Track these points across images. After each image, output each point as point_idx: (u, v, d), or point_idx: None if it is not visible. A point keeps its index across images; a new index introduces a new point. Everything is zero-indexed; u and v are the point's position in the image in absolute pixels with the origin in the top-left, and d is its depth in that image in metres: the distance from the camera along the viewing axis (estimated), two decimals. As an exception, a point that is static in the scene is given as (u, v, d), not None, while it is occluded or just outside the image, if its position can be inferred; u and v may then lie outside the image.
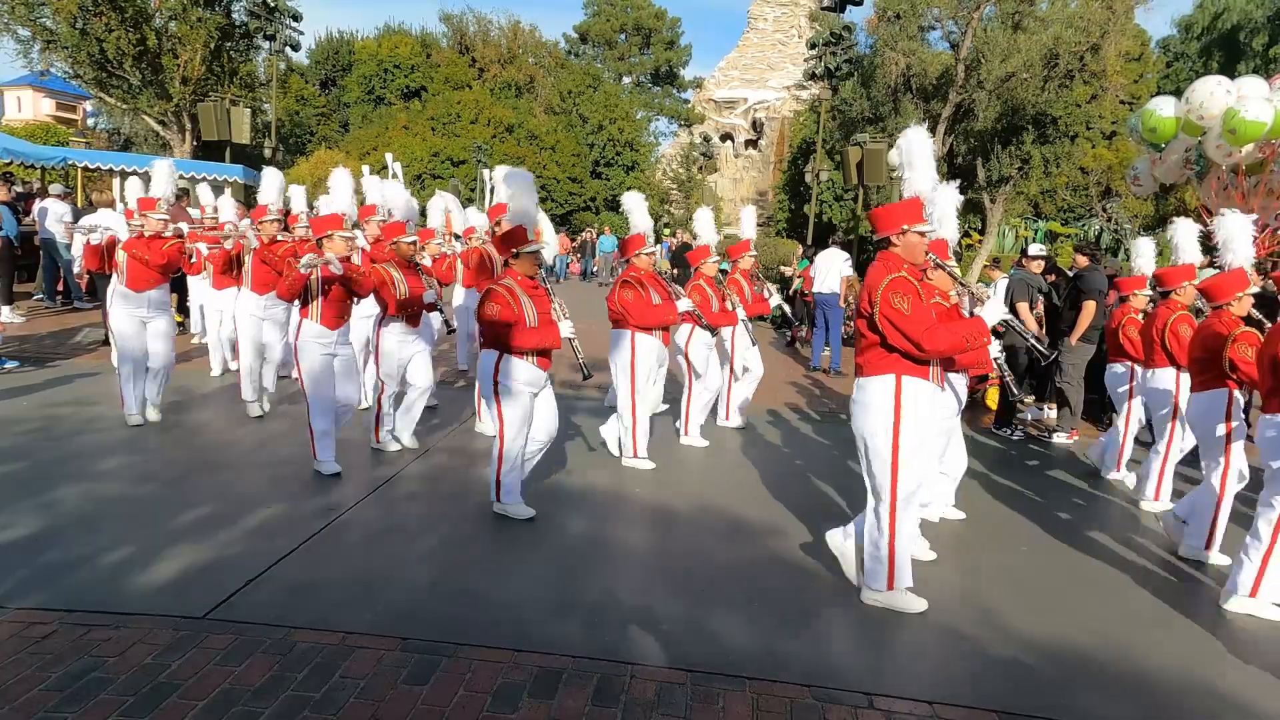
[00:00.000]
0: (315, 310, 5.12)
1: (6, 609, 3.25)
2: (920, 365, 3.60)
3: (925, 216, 3.71)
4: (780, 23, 44.32)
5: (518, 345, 4.42)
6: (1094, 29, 17.55)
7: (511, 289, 4.46)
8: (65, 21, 18.39)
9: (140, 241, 6.03)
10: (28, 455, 5.19)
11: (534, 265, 4.57)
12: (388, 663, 3.04)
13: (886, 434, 3.59)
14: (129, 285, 5.99)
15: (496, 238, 4.94)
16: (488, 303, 4.42)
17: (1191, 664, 3.43)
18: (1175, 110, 9.51)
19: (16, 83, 39.03)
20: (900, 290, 3.52)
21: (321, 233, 5.16)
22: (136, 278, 6.00)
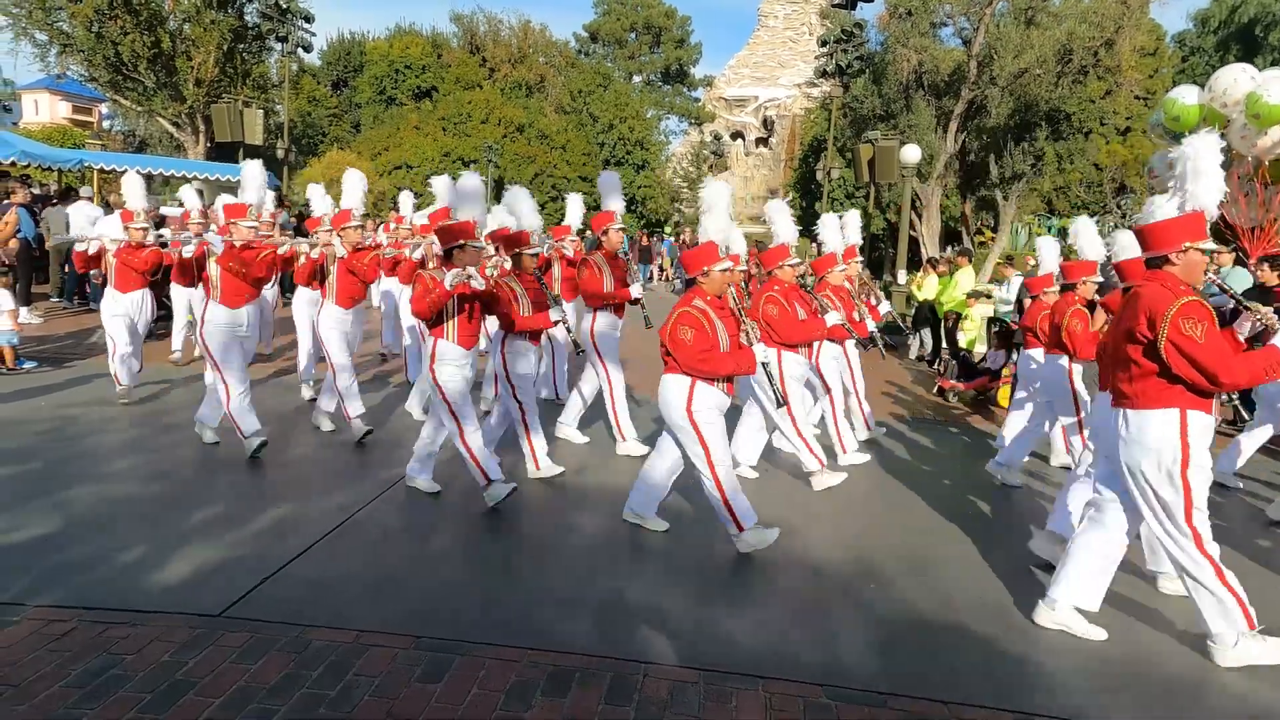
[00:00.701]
0: (451, 330, 4.68)
1: (26, 607, 3.29)
2: (1204, 398, 3.29)
3: (1207, 233, 3.40)
4: (791, 20, 44.17)
5: (711, 372, 4.09)
6: (1108, 24, 17.41)
7: (705, 311, 4.12)
8: (81, 25, 18.58)
9: (237, 251, 5.48)
10: (46, 455, 5.25)
11: (725, 284, 4.23)
12: (402, 661, 3.05)
13: (1173, 473, 3.29)
14: (224, 301, 5.45)
15: (634, 249, 4.83)
16: (680, 326, 4.08)
17: (1204, 660, 3.39)
18: (1198, 98, 9.40)
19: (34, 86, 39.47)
20: (1194, 316, 3.18)
21: (453, 242, 4.63)
22: (232, 291, 5.46)
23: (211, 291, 5.42)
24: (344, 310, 6.12)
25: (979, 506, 5.38)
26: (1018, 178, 19.37)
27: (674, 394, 4.17)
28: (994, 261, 16.87)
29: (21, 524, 4.09)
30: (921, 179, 18.75)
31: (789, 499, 5.28)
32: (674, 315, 4.14)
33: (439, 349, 4.65)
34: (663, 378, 4.24)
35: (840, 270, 6.35)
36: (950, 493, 5.56)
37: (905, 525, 4.93)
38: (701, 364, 4.06)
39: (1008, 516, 5.23)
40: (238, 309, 5.46)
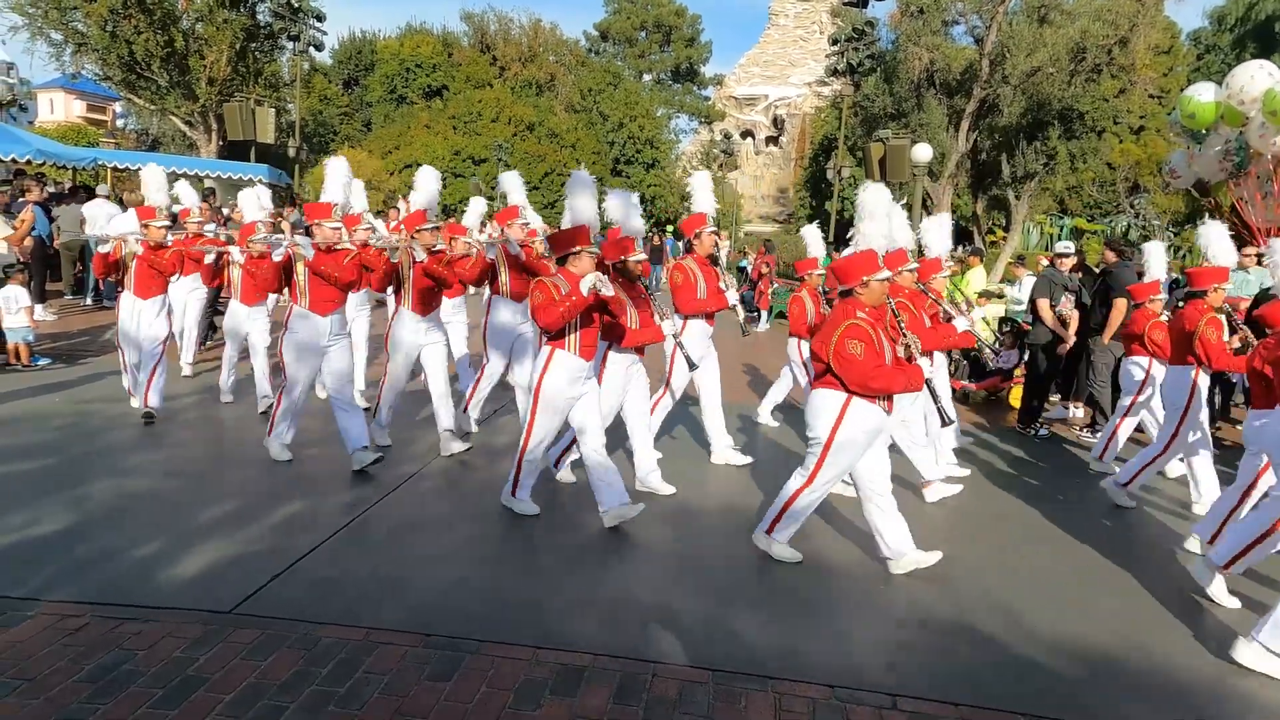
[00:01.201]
0: (573, 341, 4.32)
1: (40, 601, 3.32)
2: None
3: None
4: (801, 19, 44.06)
5: (883, 389, 3.82)
6: (1123, 22, 17.28)
7: (873, 325, 3.85)
8: (96, 25, 18.75)
9: (327, 256, 5.13)
10: (60, 451, 5.29)
11: (884, 294, 3.98)
12: (411, 659, 3.06)
13: None
14: (312, 308, 5.10)
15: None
16: (849, 340, 3.78)
17: (1219, 664, 3.37)
18: (1215, 95, 9.30)
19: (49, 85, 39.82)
20: None
21: (568, 249, 4.33)
22: (321, 298, 5.11)
23: (299, 298, 5.07)
24: (420, 319, 5.61)
25: (990, 507, 5.35)
26: (1030, 177, 19.27)
27: (827, 408, 3.90)
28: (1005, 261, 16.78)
29: (36, 519, 4.13)
30: (933, 178, 18.66)
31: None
32: (840, 328, 3.82)
33: (557, 360, 4.31)
34: (816, 391, 3.99)
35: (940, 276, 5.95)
36: (961, 494, 5.52)
37: (916, 526, 4.90)
38: (873, 380, 3.77)
39: (1019, 518, 5.20)
40: (325, 316, 5.11)
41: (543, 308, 4.19)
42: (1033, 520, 5.16)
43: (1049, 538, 4.86)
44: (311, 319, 5.08)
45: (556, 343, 4.31)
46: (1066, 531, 4.97)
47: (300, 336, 5.07)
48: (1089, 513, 5.38)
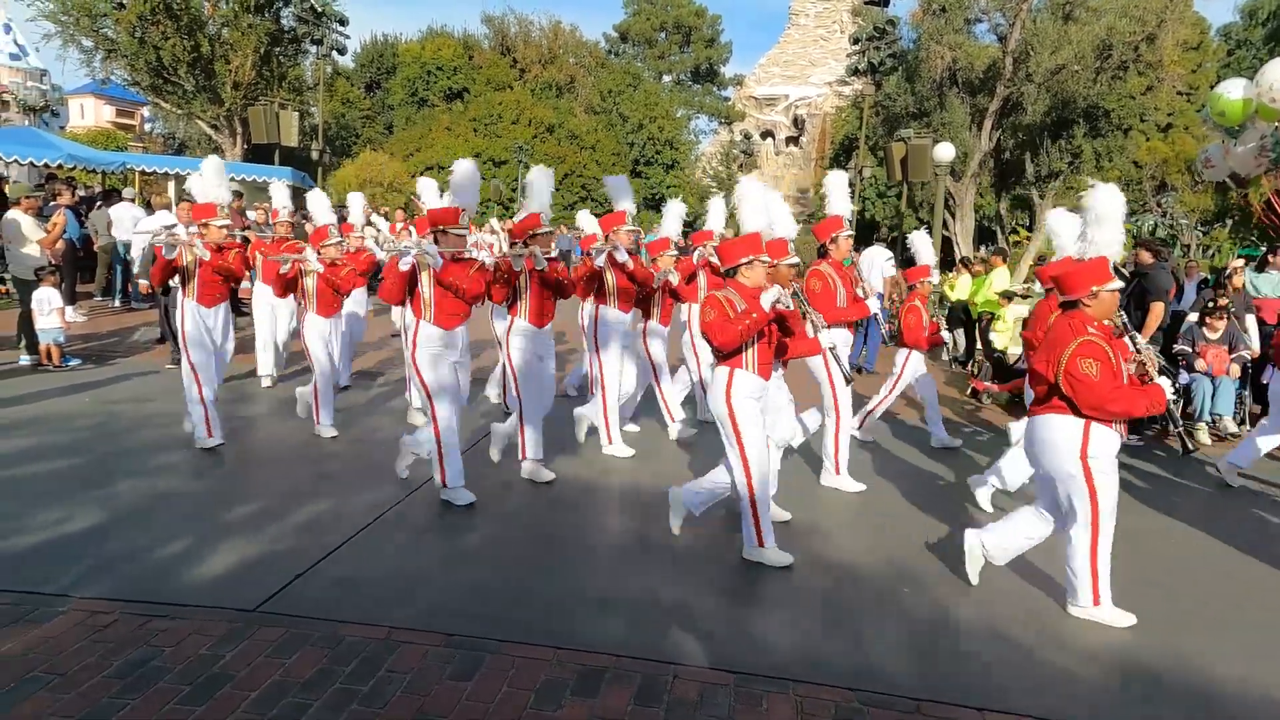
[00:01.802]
0: (751, 359, 4.01)
1: (71, 598, 3.38)
2: None
3: None
4: (822, 18, 43.82)
5: (1123, 412, 3.50)
6: (1150, 18, 17.01)
7: (1107, 340, 3.54)
8: (125, 31, 19.08)
9: (454, 266, 4.74)
10: (89, 450, 5.38)
11: (1115, 307, 3.67)
12: (433, 658, 3.08)
13: None
14: (438, 321, 4.69)
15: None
16: (1083, 358, 3.44)
17: (1253, 670, 3.30)
18: (1245, 92, 9.12)
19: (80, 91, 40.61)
20: None
21: (741, 259, 4.05)
22: (448, 311, 4.70)
23: (423, 311, 4.63)
24: (537, 328, 5.37)
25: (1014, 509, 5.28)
26: (1054, 176, 19.02)
27: (1065, 437, 3.55)
28: (1029, 261, 16.57)
29: (67, 518, 4.20)
30: (955, 177, 18.48)
31: (822, 501, 5.23)
32: (1071, 345, 3.48)
33: (738, 381, 3.98)
34: (1043, 419, 3.64)
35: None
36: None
37: (939, 528, 4.86)
38: (1112, 403, 3.44)
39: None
40: (452, 330, 4.69)
41: (717, 326, 3.87)
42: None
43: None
44: (441, 333, 4.63)
45: (733, 361, 3.98)
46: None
47: (432, 351, 4.64)
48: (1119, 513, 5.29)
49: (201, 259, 5.46)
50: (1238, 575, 4.40)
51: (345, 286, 6.23)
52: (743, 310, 3.90)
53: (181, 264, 5.49)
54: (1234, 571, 4.45)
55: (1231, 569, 4.47)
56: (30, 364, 7.72)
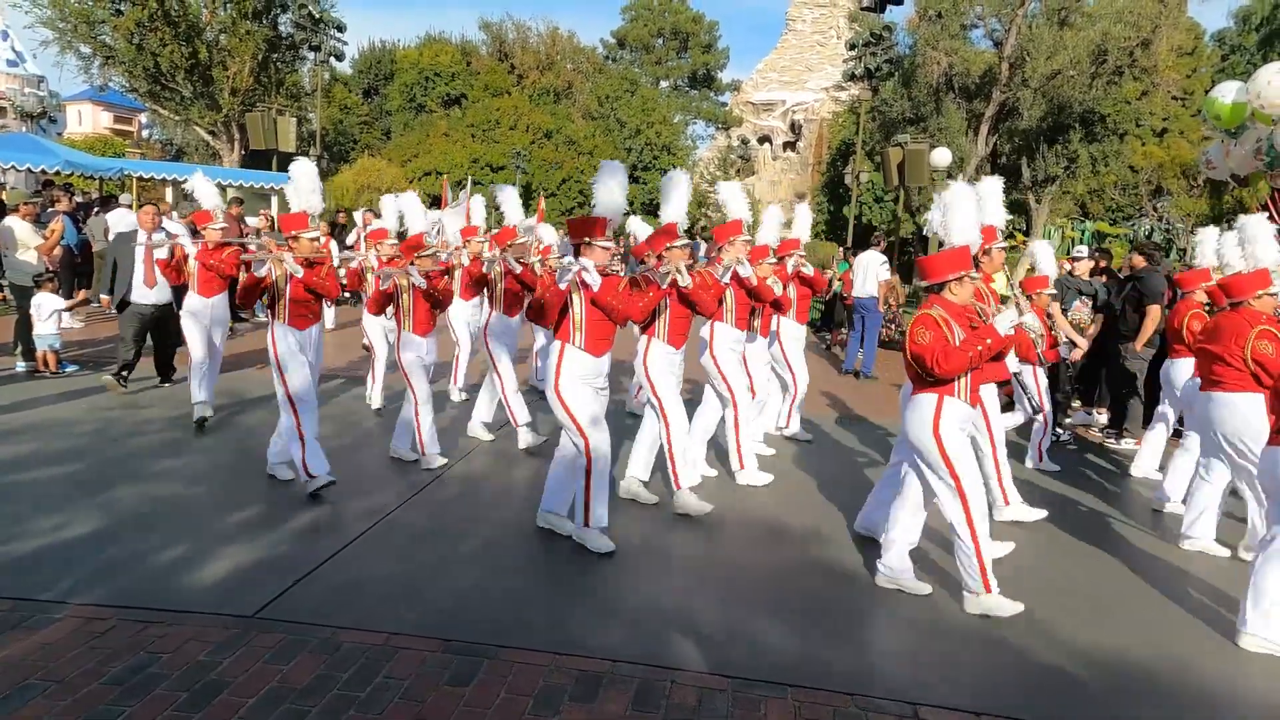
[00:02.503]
0: (961, 387, 3.70)
1: (68, 604, 3.37)
2: None
3: None
4: (819, 24, 43.98)
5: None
6: (1145, 23, 17.11)
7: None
8: (123, 38, 19.12)
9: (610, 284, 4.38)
10: (86, 456, 5.38)
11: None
12: (431, 664, 3.07)
13: None
14: (588, 348, 4.19)
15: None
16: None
17: (1250, 677, 3.30)
18: (1237, 96, 9.18)
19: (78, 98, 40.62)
20: None
21: (954, 274, 3.72)
22: (596, 336, 4.21)
23: (573, 334, 4.15)
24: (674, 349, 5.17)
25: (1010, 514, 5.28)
26: (1050, 181, 19.09)
27: (1257, 415, 3.92)
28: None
29: (64, 524, 4.19)
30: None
31: (819, 506, 5.23)
32: (1252, 334, 3.79)
33: (948, 409, 3.64)
34: (1240, 396, 3.99)
35: None
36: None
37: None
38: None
39: (1040, 524, 5.13)
40: (600, 357, 4.24)
41: (939, 350, 3.52)
42: (1054, 526, 5.10)
43: (1071, 544, 4.80)
44: (591, 361, 4.18)
45: (943, 388, 3.66)
46: (1089, 538, 4.90)
47: (580, 384, 4.15)
48: (1111, 519, 5.31)
49: (294, 275, 4.80)
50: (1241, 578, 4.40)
51: (447, 300, 5.69)
52: (974, 333, 3.55)
53: (270, 281, 4.81)
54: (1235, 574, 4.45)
55: (1230, 571, 4.48)
56: (26, 370, 7.72)
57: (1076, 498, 5.76)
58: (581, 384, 4.15)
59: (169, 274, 6.51)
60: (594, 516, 4.20)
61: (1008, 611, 3.67)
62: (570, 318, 4.13)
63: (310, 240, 5.09)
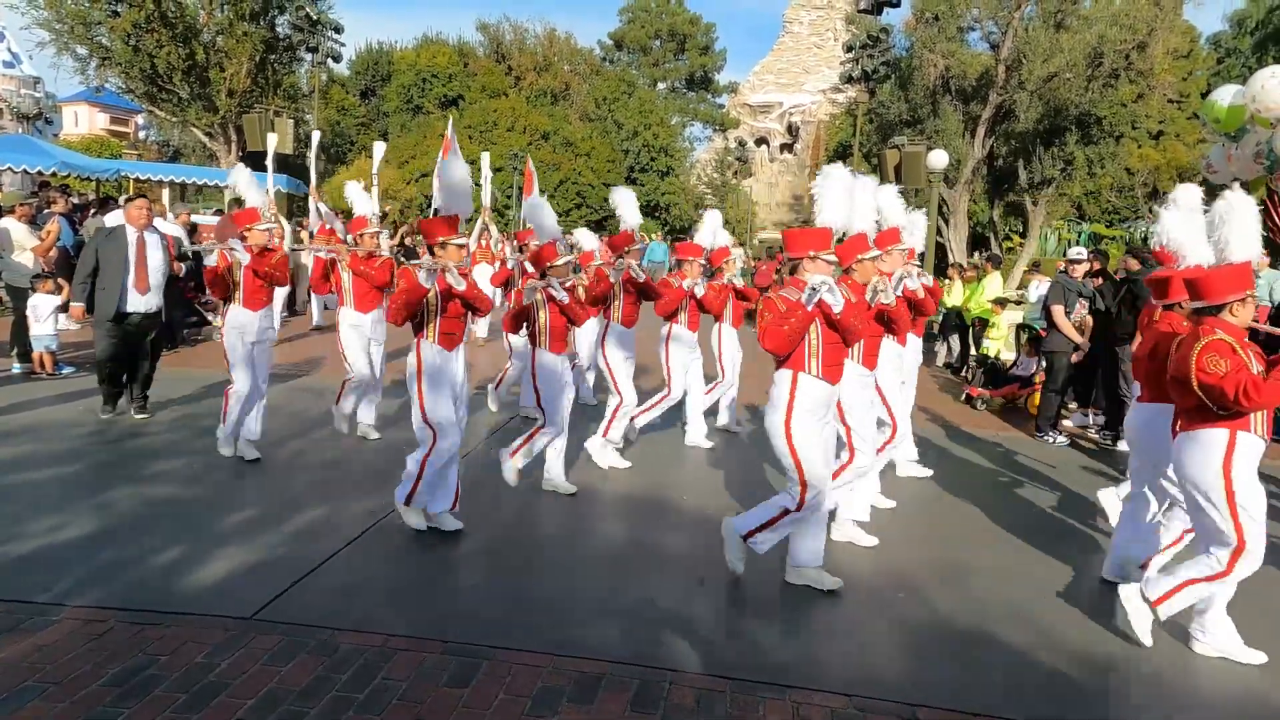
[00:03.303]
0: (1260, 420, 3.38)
1: (66, 606, 3.36)
2: None
3: None
4: (816, 26, 44.09)
5: None
6: (1140, 26, 17.15)
7: None
8: (120, 39, 19.08)
9: None
10: (83, 458, 5.37)
11: None
12: (429, 665, 3.07)
13: None
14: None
15: None
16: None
17: (1246, 677, 3.32)
18: (1235, 99, 9.20)
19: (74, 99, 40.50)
20: None
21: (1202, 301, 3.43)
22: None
23: (809, 364, 3.78)
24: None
25: (1009, 516, 5.30)
26: (1047, 183, 19.12)
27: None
28: (1022, 268, 16.65)
29: (61, 525, 4.19)
30: (949, 184, 18.56)
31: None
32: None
33: (1241, 446, 3.33)
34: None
35: None
36: (980, 502, 5.49)
37: (934, 535, 4.88)
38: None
39: (1039, 526, 5.15)
40: (836, 385, 4.02)
41: (1253, 386, 3.15)
42: (1052, 528, 5.11)
43: (1069, 546, 4.81)
44: (826, 390, 3.86)
45: (1239, 424, 3.36)
46: (1086, 539, 4.92)
47: (811, 418, 3.81)
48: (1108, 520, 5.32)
49: (455, 288, 4.25)
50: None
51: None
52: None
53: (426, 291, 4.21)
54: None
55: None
56: (23, 372, 7.70)
57: (1074, 499, 5.78)
58: (812, 417, 3.76)
59: (216, 287, 5.46)
60: (808, 554, 3.94)
61: (1244, 658, 3.42)
62: (806, 342, 3.73)
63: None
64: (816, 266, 3.76)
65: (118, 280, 6.09)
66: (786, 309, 3.65)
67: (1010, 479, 6.19)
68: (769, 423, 3.81)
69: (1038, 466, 6.62)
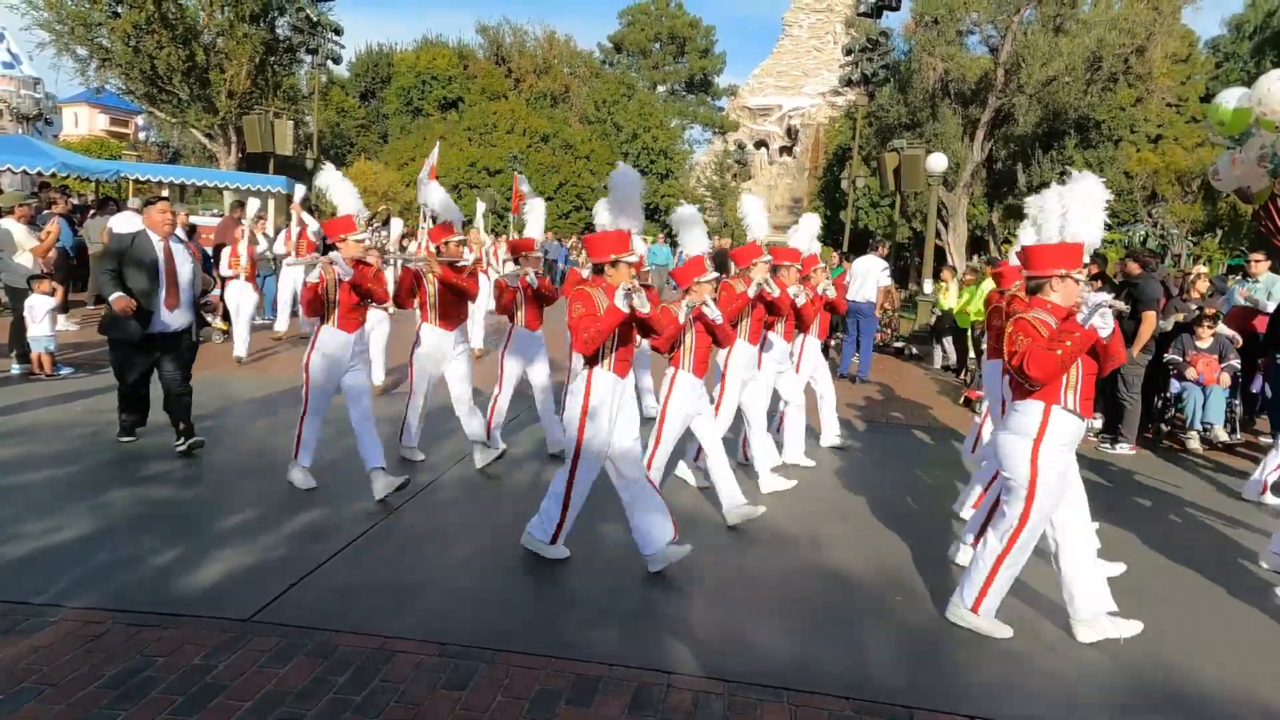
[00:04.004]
0: None
1: (63, 608, 3.36)
2: None
3: None
4: (815, 29, 44.15)
5: None
6: (1139, 30, 17.19)
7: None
8: (120, 40, 19.10)
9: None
10: (81, 459, 5.36)
11: None
12: (427, 667, 3.07)
13: None
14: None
15: None
16: None
17: (1254, 685, 3.31)
18: (1240, 101, 9.20)
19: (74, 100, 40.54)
20: None
21: None
22: None
23: (1065, 397, 3.46)
24: None
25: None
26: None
27: None
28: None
29: (58, 527, 4.18)
30: (948, 188, 18.60)
31: (816, 509, 5.24)
32: None
33: None
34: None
35: None
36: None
37: (932, 537, 4.88)
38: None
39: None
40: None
41: None
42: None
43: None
44: (1077, 424, 3.55)
45: None
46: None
47: (1061, 451, 3.52)
48: (1108, 524, 5.32)
49: (640, 311, 3.97)
50: (1235, 583, 4.41)
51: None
52: None
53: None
54: (1231, 578, 4.46)
55: (1229, 576, 4.49)
56: (21, 373, 7.69)
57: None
58: (1062, 452, 3.44)
59: (311, 307, 4.89)
60: (985, 604, 3.59)
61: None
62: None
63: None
64: (1066, 287, 3.43)
65: (146, 297, 5.34)
66: (1054, 333, 3.29)
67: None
68: (1008, 447, 3.49)
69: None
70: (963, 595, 3.63)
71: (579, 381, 4.02)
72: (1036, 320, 3.38)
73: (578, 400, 3.98)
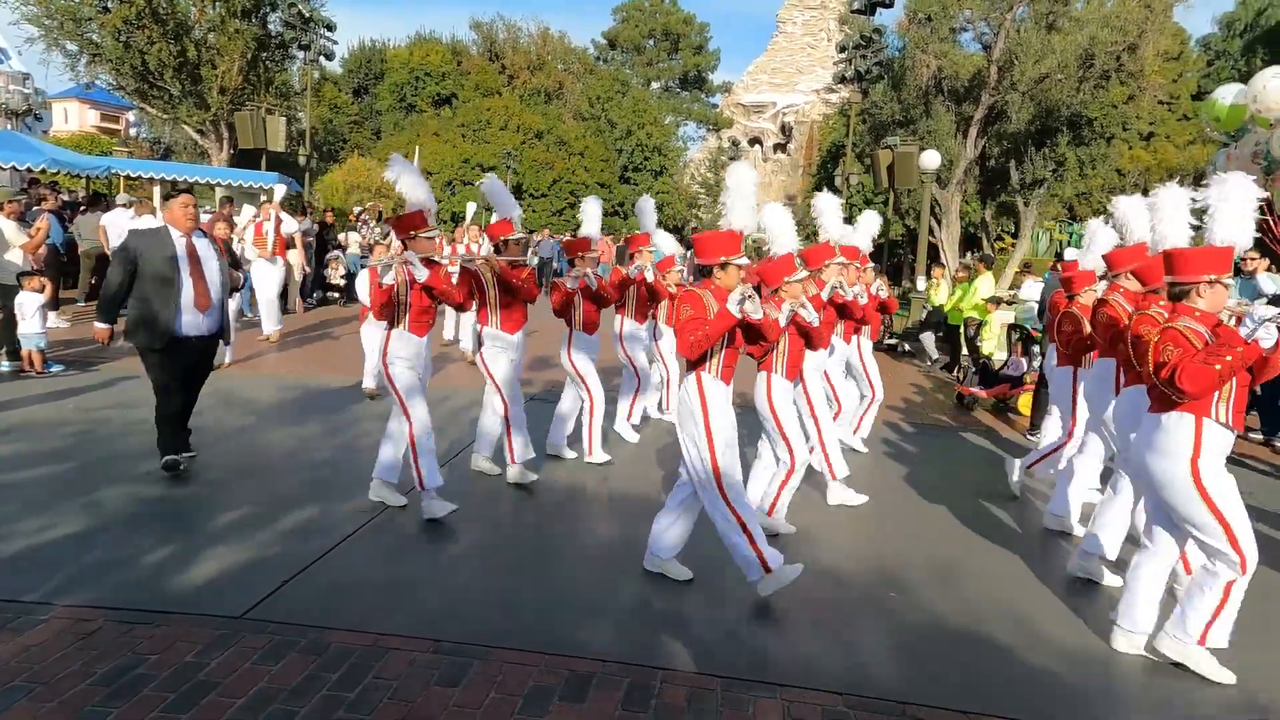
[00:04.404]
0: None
1: (55, 605, 3.35)
2: None
3: None
4: (809, 26, 44.14)
5: None
6: (1131, 28, 17.23)
7: None
8: (110, 35, 18.96)
9: None
10: (72, 457, 5.34)
11: None
12: (420, 664, 3.07)
13: None
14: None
15: None
16: None
17: (1242, 679, 3.33)
18: (1236, 98, 9.25)
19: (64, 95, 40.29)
20: None
21: None
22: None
23: (1216, 409, 3.26)
24: None
25: (1000, 515, 5.33)
26: (1039, 183, 19.19)
27: None
28: (1014, 268, 16.70)
29: (51, 524, 4.16)
30: (941, 185, 18.63)
31: (810, 506, 5.25)
32: None
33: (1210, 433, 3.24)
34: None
35: None
36: (971, 501, 5.51)
37: (926, 533, 4.90)
38: None
39: (1030, 526, 5.18)
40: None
41: None
42: (1047, 529, 5.13)
43: (1061, 545, 4.84)
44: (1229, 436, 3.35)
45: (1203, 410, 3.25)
46: (1077, 537, 4.93)
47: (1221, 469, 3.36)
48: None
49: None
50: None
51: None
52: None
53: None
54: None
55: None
56: (11, 370, 7.65)
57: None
58: (1220, 464, 3.27)
59: (383, 310, 4.57)
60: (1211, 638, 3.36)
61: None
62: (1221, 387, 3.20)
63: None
64: (1215, 293, 3.29)
65: (168, 298, 4.91)
66: (1213, 345, 3.14)
67: (1002, 478, 6.20)
68: (1163, 476, 3.29)
69: (1028, 466, 6.64)
70: (1185, 627, 3.34)
71: (689, 391, 3.76)
72: (1187, 329, 3.21)
73: (697, 420, 3.72)
